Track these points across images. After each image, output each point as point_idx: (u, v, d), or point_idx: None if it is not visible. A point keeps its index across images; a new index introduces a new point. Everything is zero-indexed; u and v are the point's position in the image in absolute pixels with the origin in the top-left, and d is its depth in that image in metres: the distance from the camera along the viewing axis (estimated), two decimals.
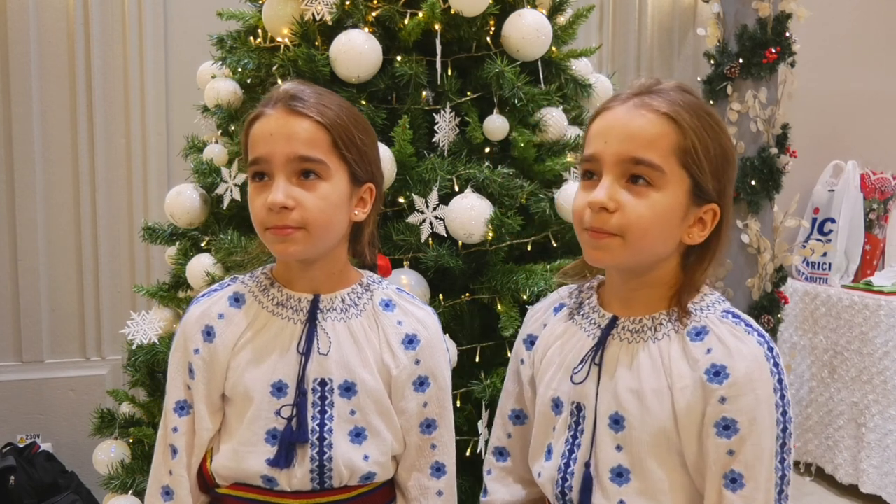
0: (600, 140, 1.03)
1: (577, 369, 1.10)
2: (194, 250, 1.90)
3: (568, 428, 1.12)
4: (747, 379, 1.00)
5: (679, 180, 1.02)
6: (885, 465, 2.93)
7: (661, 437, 1.04)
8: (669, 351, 1.05)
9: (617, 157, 1.01)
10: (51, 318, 2.75)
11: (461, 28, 1.77)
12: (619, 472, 1.06)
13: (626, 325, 1.09)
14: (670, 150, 1.01)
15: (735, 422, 1.00)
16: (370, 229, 1.25)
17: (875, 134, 3.53)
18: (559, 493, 1.11)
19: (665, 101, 1.02)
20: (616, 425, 1.06)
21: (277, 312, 1.18)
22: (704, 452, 1.02)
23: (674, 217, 1.03)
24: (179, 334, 1.21)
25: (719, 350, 1.02)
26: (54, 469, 2.51)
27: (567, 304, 1.20)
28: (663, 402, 1.03)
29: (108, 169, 2.75)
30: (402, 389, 1.19)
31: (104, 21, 2.72)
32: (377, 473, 1.18)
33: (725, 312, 1.07)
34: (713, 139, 1.03)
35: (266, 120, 1.13)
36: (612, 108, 1.04)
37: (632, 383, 1.05)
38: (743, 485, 1.00)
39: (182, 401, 1.20)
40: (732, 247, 2.84)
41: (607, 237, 1.02)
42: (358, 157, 1.15)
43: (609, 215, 1.01)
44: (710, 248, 1.08)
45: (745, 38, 2.77)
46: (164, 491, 1.20)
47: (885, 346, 2.93)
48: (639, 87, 1.05)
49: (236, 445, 1.17)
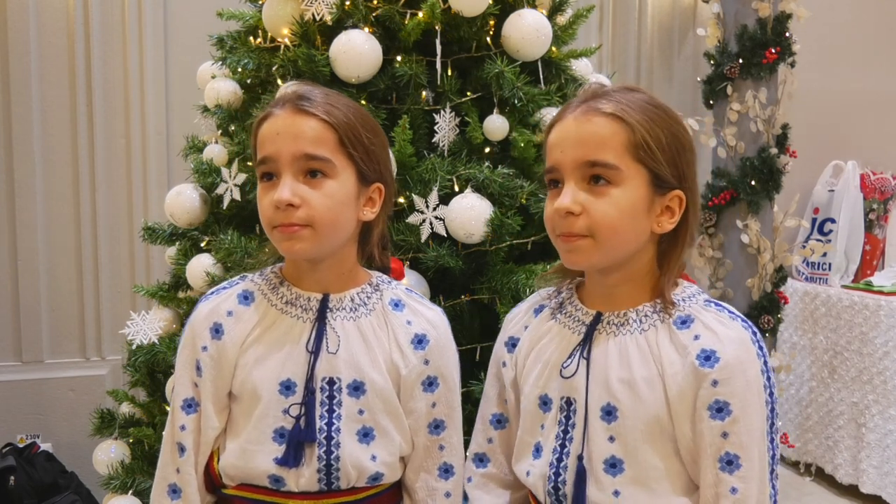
0: (557, 150, 1.09)
1: (567, 364, 1.12)
2: (194, 250, 1.90)
3: (558, 423, 1.13)
4: (737, 361, 1.04)
5: (637, 174, 1.06)
6: (885, 465, 2.93)
7: (654, 425, 1.06)
8: (657, 340, 1.08)
9: (574, 163, 1.06)
10: (51, 318, 2.75)
11: (461, 28, 1.77)
12: (612, 462, 1.08)
13: (611, 320, 1.12)
14: (623, 148, 1.05)
15: (728, 403, 1.03)
16: (380, 229, 1.25)
17: (875, 134, 3.53)
18: (552, 489, 1.12)
19: (610, 102, 1.07)
20: (608, 416, 1.08)
21: (287, 311, 1.19)
22: (698, 436, 1.05)
23: (639, 210, 1.07)
24: (188, 331, 1.21)
25: (707, 336, 1.05)
26: (54, 469, 2.51)
27: (548, 305, 1.22)
28: (655, 389, 1.06)
29: (108, 169, 2.76)
30: (410, 389, 1.19)
31: (104, 21, 2.72)
32: (385, 474, 1.18)
33: (707, 301, 1.11)
34: (663, 129, 1.07)
35: (274, 120, 1.14)
36: (564, 118, 1.10)
37: (622, 374, 1.08)
38: (739, 465, 1.04)
39: (190, 398, 1.19)
40: (732, 247, 2.84)
41: (578, 239, 1.07)
42: (365, 156, 1.16)
43: (576, 218, 1.06)
44: (681, 233, 1.12)
45: (745, 38, 2.77)
46: (171, 489, 1.19)
47: (885, 347, 2.93)
48: (585, 94, 1.11)
49: (244, 444, 1.16)
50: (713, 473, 1.04)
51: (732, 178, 2.81)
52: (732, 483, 1.03)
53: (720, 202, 2.82)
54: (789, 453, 3.34)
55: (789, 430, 3.29)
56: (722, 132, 2.85)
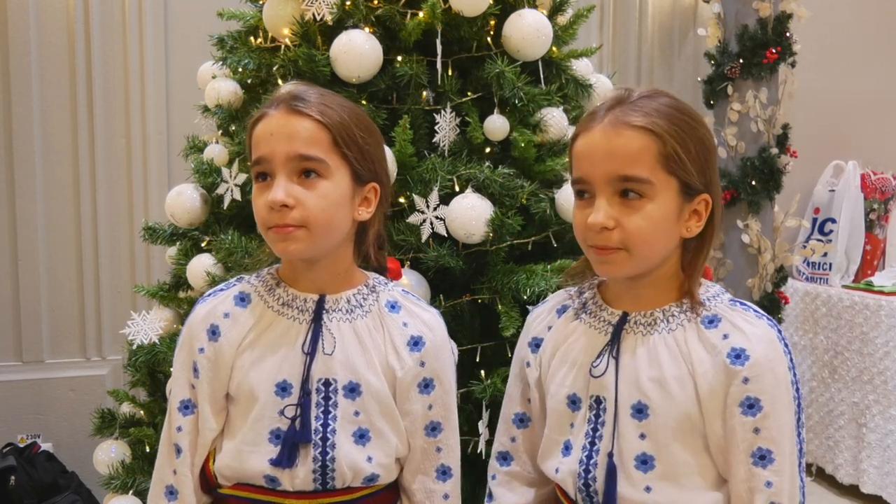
0: (587, 163, 1.08)
1: (596, 363, 1.13)
2: (195, 250, 1.90)
3: (587, 422, 1.14)
4: (766, 359, 1.06)
5: (668, 186, 1.06)
6: (886, 466, 2.93)
7: (685, 422, 1.08)
8: (686, 339, 1.10)
9: (606, 178, 1.06)
10: (51, 318, 2.75)
11: (462, 28, 1.77)
12: (643, 459, 1.10)
13: (638, 320, 1.13)
14: (654, 161, 1.05)
15: (759, 400, 1.05)
16: (376, 229, 1.24)
17: (876, 134, 3.53)
18: (582, 486, 1.13)
19: (639, 113, 1.06)
20: (639, 414, 1.10)
21: (283, 312, 1.18)
22: (729, 432, 1.07)
23: (670, 220, 1.08)
24: (185, 333, 1.21)
25: (736, 335, 1.07)
26: (55, 469, 2.51)
27: (571, 306, 1.22)
28: (686, 387, 1.08)
29: (109, 169, 2.75)
30: (406, 391, 1.19)
31: (104, 21, 2.72)
32: (380, 475, 1.18)
33: (732, 301, 1.13)
34: (691, 137, 1.07)
35: (268, 120, 1.13)
36: (592, 128, 1.08)
37: (652, 372, 1.09)
38: (773, 460, 1.06)
39: (186, 400, 1.20)
40: (733, 247, 2.84)
41: (613, 252, 1.07)
42: (359, 156, 1.15)
43: (610, 233, 1.06)
44: (707, 234, 1.13)
45: (746, 38, 2.77)
46: (168, 490, 1.20)
47: (886, 347, 2.93)
48: (612, 101, 1.09)
49: (239, 445, 1.16)
50: (746, 469, 1.06)
51: (733, 178, 2.81)
52: (767, 477, 1.06)
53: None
54: None
55: None
56: (722, 132, 2.85)
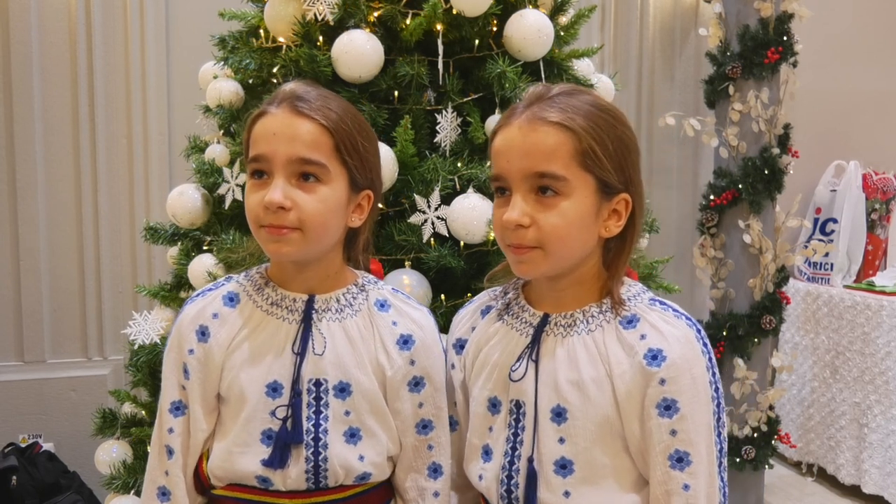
0: (503, 159, 1.08)
1: (515, 367, 1.12)
2: (196, 250, 1.91)
3: (507, 426, 1.13)
4: (683, 360, 1.05)
5: (584, 183, 1.05)
6: (888, 466, 2.93)
7: (604, 425, 1.07)
8: (604, 340, 1.09)
9: (521, 174, 1.06)
10: (52, 318, 2.75)
11: (463, 28, 1.77)
12: (562, 463, 1.09)
13: (559, 321, 1.12)
14: (570, 158, 1.04)
15: (675, 401, 1.04)
16: (365, 236, 1.25)
17: (877, 134, 3.53)
18: (504, 493, 1.12)
19: (556, 109, 1.05)
20: (558, 418, 1.09)
21: (272, 312, 1.18)
22: (647, 434, 1.06)
23: (587, 218, 1.07)
24: (174, 334, 1.21)
25: (653, 335, 1.06)
26: (56, 469, 2.51)
27: (494, 307, 1.22)
28: (604, 389, 1.07)
29: (110, 169, 2.76)
30: (396, 390, 1.19)
31: (106, 21, 2.73)
32: (372, 474, 1.18)
33: (652, 300, 1.12)
34: (609, 135, 1.06)
35: (270, 119, 1.12)
36: (509, 124, 1.08)
37: (571, 375, 1.08)
38: (690, 462, 1.05)
39: (177, 401, 1.20)
40: (734, 247, 2.84)
41: (528, 251, 1.07)
42: (359, 164, 1.15)
43: (525, 230, 1.06)
44: (628, 234, 1.12)
45: (747, 38, 2.77)
46: (160, 492, 1.20)
47: (888, 347, 2.93)
48: (531, 97, 1.09)
49: (231, 446, 1.16)
50: (663, 471, 1.05)
51: (734, 178, 2.81)
52: (684, 480, 1.05)
53: (722, 202, 2.82)
54: (791, 453, 3.34)
55: (791, 431, 3.29)
56: (724, 132, 2.84)
